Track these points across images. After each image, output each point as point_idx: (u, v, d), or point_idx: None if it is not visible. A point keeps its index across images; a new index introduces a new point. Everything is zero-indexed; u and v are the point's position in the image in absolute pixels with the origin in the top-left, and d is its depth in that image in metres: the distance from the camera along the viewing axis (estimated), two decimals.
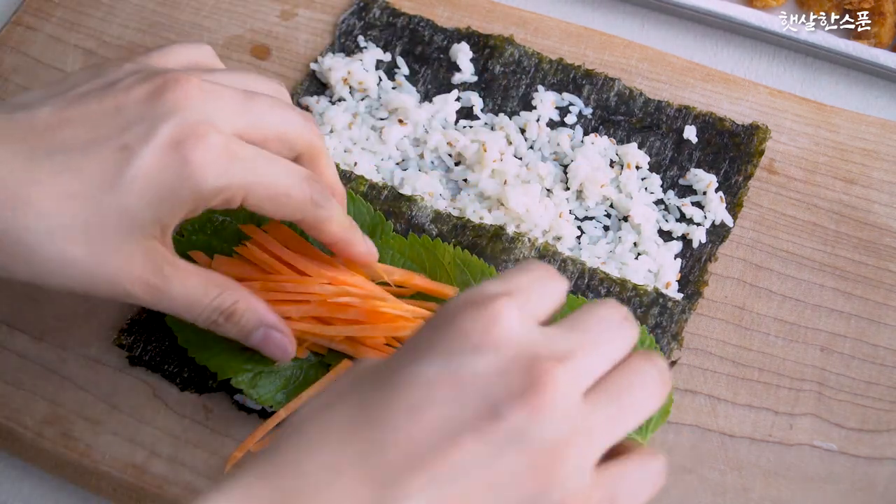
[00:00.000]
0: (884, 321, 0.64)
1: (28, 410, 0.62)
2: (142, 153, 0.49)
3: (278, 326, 0.57)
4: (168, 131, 0.50)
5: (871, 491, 0.59)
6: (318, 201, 0.55)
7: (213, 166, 0.50)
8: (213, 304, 0.54)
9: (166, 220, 0.51)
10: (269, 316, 0.56)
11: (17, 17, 0.79)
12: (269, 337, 0.56)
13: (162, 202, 0.50)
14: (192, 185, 0.50)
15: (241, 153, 0.52)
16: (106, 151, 0.50)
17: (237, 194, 0.52)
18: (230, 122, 0.52)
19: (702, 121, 0.71)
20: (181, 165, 0.50)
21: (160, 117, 0.50)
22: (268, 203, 0.53)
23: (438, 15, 0.77)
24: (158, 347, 0.63)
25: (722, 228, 0.67)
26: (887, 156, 0.70)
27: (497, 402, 0.39)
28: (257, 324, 0.56)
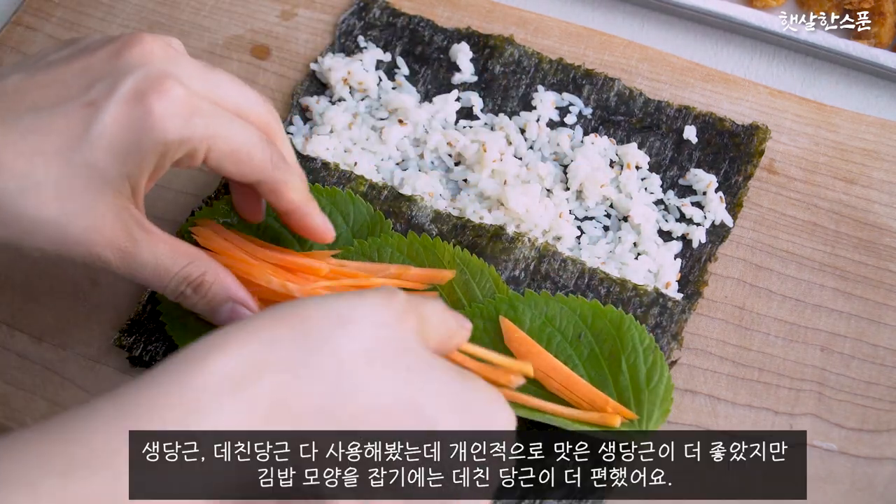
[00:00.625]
0: (884, 321, 0.64)
1: (28, 410, 0.62)
2: (106, 107, 0.51)
3: (247, 302, 0.57)
4: (131, 84, 0.51)
5: (871, 491, 0.59)
6: (278, 163, 0.56)
7: (175, 117, 0.51)
8: (181, 274, 0.54)
9: (135, 176, 0.52)
10: (238, 291, 0.56)
11: (17, 17, 0.79)
12: (236, 313, 0.56)
13: (128, 155, 0.51)
14: (155, 135, 0.51)
15: (203, 107, 0.53)
16: (73, 109, 0.51)
17: (200, 147, 0.53)
18: (190, 82, 0.53)
19: (702, 121, 0.71)
20: (144, 116, 0.51)
21: (123, 72, 0.52)
22: (229, 159, 0.54)
23: (438, 15, 0.77)
24: (159, 348, 0.63)
25: (722, 228, 0.67)
26: (887, 156, 0.70)
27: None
28: (225, 298, 0.56)
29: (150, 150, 0.51)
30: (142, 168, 0.52)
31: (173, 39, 0.57)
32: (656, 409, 0.58)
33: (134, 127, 0.51)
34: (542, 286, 0.64)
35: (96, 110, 0.51)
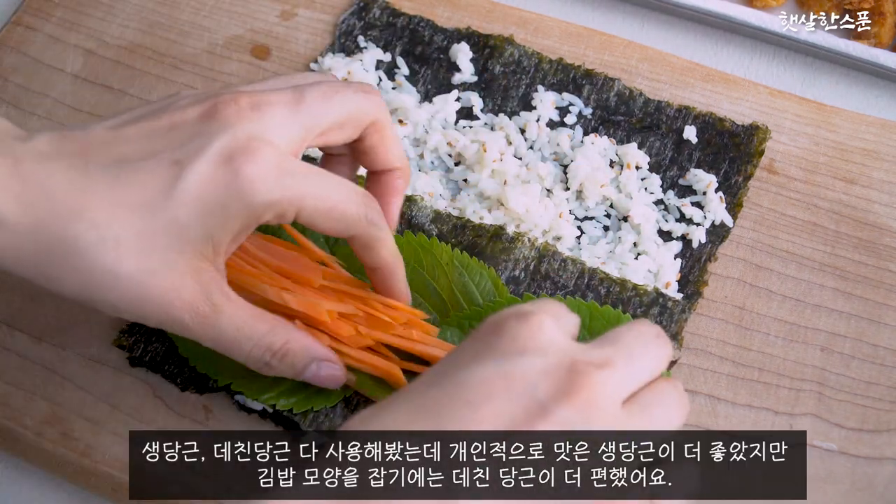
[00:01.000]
0: (884, 321, 0.64)
1: (28, 410, 0.62)
2: (194, 167, 0.50)
3: (329, 358, 0.57)
4: (220, 146, 0.50)
5: (871, 491, 0.59)
6: (373, 219, 0.55)
7: (265, 180, 0.50)
8: (263, 342, 0.54)
9: (218, 236, 0.51)
10: (319, 350, 0.56)
11: (17, 17, 0.79)
12: (319, 372, 0.56)
13: (212, 215, 0.50)
14: (243, 198, 0.50)
15: (293, 168, 0.51)
16: (159, 166, 0.50)
17: (289, 209, 0.51)
18: (286, 129, 0.52)
19: (702, 121, 0.71)
20: (232, 178, 0.50)
21: (213, 133, 0.51)
22: (321, 217, 0.53)
23: (438, 15, 0.77)
24: (159, 348, 0.63)
25: (722, 228, 0.67)
26: (887, 156, 0.70)
27: (545, 399, 0.42)
28: (309, 361, 0.56)
29: (235, 211, 0.50)
30: (225, 229, 0.51)
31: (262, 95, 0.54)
32: None
33: (220, 188, 0.50)
34: (542, 286, 0.64)
35: (183, 169, 0.50)
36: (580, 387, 0.43)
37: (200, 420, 0.61)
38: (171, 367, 0.62)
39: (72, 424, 0.61)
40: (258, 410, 0.61)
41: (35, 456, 0.62)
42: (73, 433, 0.61)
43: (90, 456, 0.60)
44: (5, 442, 0.62)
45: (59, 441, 0.61)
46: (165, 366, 0.62)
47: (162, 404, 0.62)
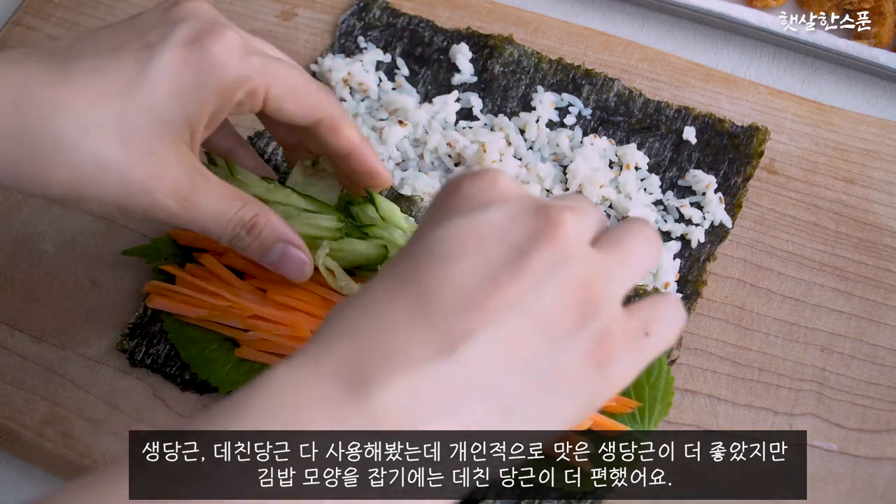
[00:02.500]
0: (884, 321, 0.64)
1: (28, 410, 0.62)
2: (163, 49, 0.51)
3: (296, 241, 0.57)
4: (186, 30, 0.52)
5: (871, 491, 0.59)
6: (334, 100, 0.56)
7: (233, 58, 0.52)
8: (236, 217, 0.55)
9: (195, 118, 0.52)
10: (287, 231, 0.57)
11: (17, 17, 0.79)
12: (287, 253, 0.57)
13: (188, 95, 0.51)
14: (215, 74, 0.52)
15: (258, 48, 0.54)
16: (130, 52, 0.51)
17: (260, 84, 0.53)
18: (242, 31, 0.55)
19: (701, 122, 0.71)
20: (202, 56, 0.51)
21: (177, 20, 0.53)
22: (290, 97, 0.54)
23: (438, 15, 0.77)
24: (160, 351, 0.63)
25: (721, 229, 0.67)
26: (887, 156, 0.70)
27: (519, 244, 0.42)
28: (276, 238, 0.56)
29: (211, 88, 0.52)
30: (202, 110, 0.52)
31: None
32: (658, 403, 0.58)
33: (192, 67, 0.51)
34: None
35: (153, 52, 0.51)
36: (553, 225, 0.42)
37: None
38: (171, 367, 0.62)
39: (72, 424, 0.61)
40: None
41: (35, 456, 0.62)
42: (73, 433, 0.61)
43: (90, 456, 0.60)
44: (5, 442, 0.62)
45: (59, 441, 0.61)
46: (166, 367, 0.62)
47: (162, 404, 0.62)
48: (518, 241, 0.42)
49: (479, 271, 0.41)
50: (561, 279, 0.42)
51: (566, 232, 0.42)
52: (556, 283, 0.42)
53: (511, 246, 0.42)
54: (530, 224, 0.43)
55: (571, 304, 0.42)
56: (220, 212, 0.54)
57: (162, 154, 0.51)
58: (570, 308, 0.42)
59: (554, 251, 0.42)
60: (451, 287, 0.41)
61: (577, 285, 0.42)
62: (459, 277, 0.41)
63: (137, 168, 0.51)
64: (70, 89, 0.50)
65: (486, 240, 0.42)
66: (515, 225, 0.43)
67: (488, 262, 0.42)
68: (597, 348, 0.42)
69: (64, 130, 0.50)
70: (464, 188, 0.44)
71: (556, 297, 0.41)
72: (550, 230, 0.42)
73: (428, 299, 0.41)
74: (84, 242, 0.68)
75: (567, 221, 0.43)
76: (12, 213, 0.69)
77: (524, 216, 0.43)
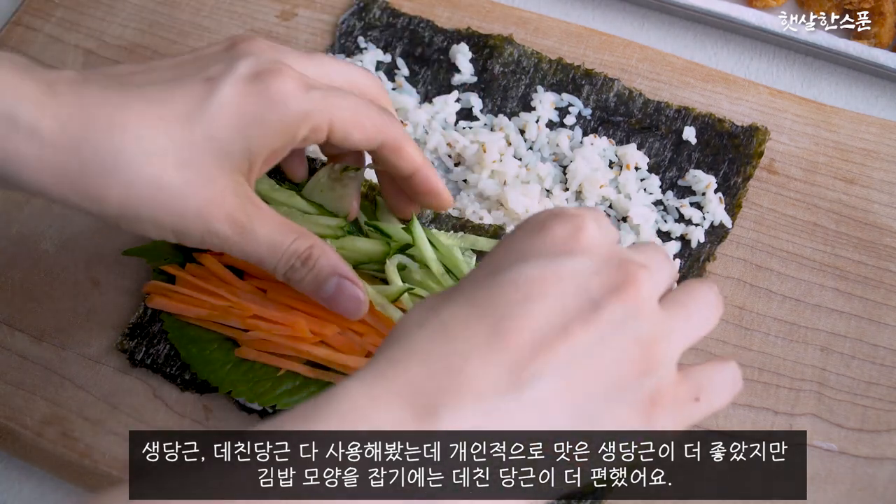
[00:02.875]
0: (884, 321, 0.64)
1: (28, 410, 0.62)
2: (225, 83, 0.52)
3: (351, 276, 0.57)
4: (247, 66, 0.53)
5: (871, 491, 0.59)
6: (395, 123, 0.57)
7: (294, 94, 0.52)
8: (291, 248, 0.54)
9: (254, 152, 0.52)
10: (342, 265, 0.57)
11: (17, 17, 0.79)
12: (341, 287, 0.56)
13: (250, 128, 0.52)
14: (277, 110, 0.52)
15: (317, 84, 0.54)
16: (191, 84, 0.52)
17: (322, 121, 0.53)
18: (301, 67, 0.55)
19: (701, 122, 0.71)
20: (263, 93, 0.52)
21: (237, 58, 0.53)
22: (353, 127, 0.54)
23: (438, 15, 0.77)
24: (161, 351, 0.63)
25: (721, 229, 0.67)
26: (887, 156, 0.70)
27: (596, 296, 0.44)
28: (331, 271, 0.56)
29: (273, 125, 0.52)
30: (263, 144, 0.52)
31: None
32: None
33: (254, 101, 0.52)
34: None
35: (214, 85, 0.52)
36: (629, 282, 0.44)
37: (200, 420, 0.61)
38: (171, 368, 0.62)
39: (72, 424, 0.61)
40: (258, 410, 0.61)
41: (35, 456, 0.62)
42: (73, 433, 0.61)
43: (90, 456, 0.60)
44: (5, 442, 0.62)
45: (59, 441, 0.61)
46: (167, 368, 0.62)
47: (162, 404, 0.62)
48: (595, 293, 0.44)
49: (554, 317, 0.43)
50: (627, 335, 0.44)
51: (639, 291, 0.44)
52: (623, 338, 0.44)
53: (588, 297, 0.44)
54: (608, 278, 0.44)
55: (632, 360, 0.44)
56: (276, 242, 0.54)
57: (220, 183, 0.52)
58: (630, 364, 0.44)
59: (626, 308, 0.44)
60: (526, 328, 0.43)
61: (640, 343, 0.44)
62: (535, 319, 0.43)
63: (194, 194, 0.51)
64: (132, 112, 0.50)
65: (566, 287, 0.44)
66: (595, 278, 0.44)
67: (564, 309, 0.43)
68: (646, 406, 0.44)
69: (123, 150, 0.50)
70: (553, 231, 0.46)
71: (620, 351, 0.43)
72: (626, 287, 0.44)
73: (503, 335, 0.43)
74: (84, 242, 0.68)
75: (642, 280, 0.45)
76: (12, 213, 0.69)
77: (605, 270, 0.45)
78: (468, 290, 0.45)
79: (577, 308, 0.43)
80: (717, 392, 0.47)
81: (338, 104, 0.54)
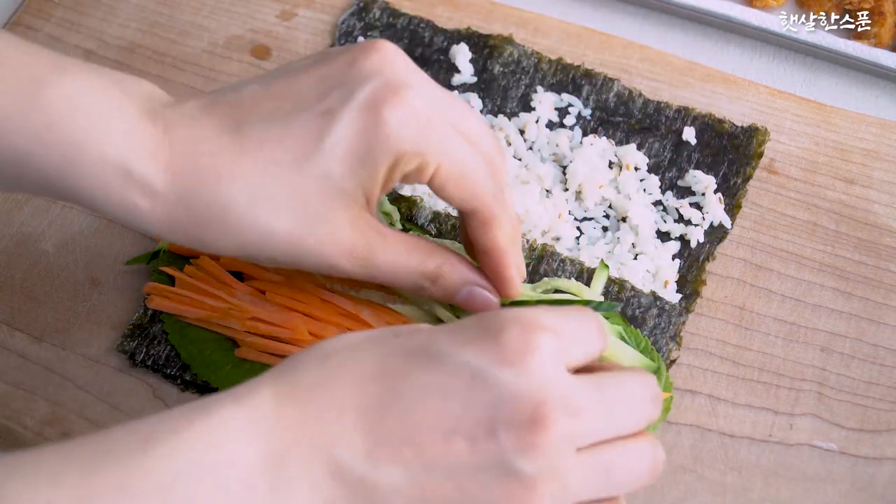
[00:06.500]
0: (884, 321, 0.64)
1: (28, 410, 0.62)
2: (341, 116, 0.50)
3: (481, 283, 0.56)
4: (366, 93, 0.50)
5: (871, 491, 0.59)
6: (498, 197, 0.54)
7: (409, 128, 0.50)
8: (418, 270, 0.54)
9: (368, 186, 0.51)
10: (471, 274, 0.56)
11: (17, 17, 0.79)
12: (472, 294, 0.56)
13: (363, 166, 0.50)
14: (390, 144, 0.50)
15: (437, 121, 0.51)
16: (308, 118, 0.50)
17: (430, 162, 0.51)
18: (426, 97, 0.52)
19: (701, 122, 0.71)
20: (378, 126, 0.50)
21: (359, 80, 0.51)
22: (453, 182, 0.52)
23: (438, 15, 0.77)
24: (161, 352, 0.63)
25: (720, 229, 0.67)
26: (887, 156, 0.70)
27: (497, 424, 0.42)
28: (462, 283, 0.56)
29: (382, 160, 0.50)
30: (375, 178, 0.51)
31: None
32: None
33: (369, 137, 0.50)
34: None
35: (331, 119, 0.50)
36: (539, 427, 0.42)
37: None
38: (171, 368, 0.62)
39: (72, 424, 0.61)
40: None
41: None
42: (73, 433, 0.61)
43: None
44: (5, 442, 0.62)
45: (59, 441, 0.61)
46: (166, 367, 0.62)
47: (162, 405, 0.62)
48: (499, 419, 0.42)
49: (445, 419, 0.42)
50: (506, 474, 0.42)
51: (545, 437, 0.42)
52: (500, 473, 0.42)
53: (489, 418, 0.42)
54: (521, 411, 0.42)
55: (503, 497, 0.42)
56: (400, 266, 0.53)
57: (335, 221, 0.51)
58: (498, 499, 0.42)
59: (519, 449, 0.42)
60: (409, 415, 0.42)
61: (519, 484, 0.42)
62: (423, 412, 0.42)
63: (309, 235, 0.51)
64: (246, 158, 0.50)
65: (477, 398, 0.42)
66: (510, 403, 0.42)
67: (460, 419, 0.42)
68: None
69: (235, 202, 0.50)
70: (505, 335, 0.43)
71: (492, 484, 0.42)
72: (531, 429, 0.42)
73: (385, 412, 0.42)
74: (84, 242, 0.68)
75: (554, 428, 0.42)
76: (12, 213, 0.69)
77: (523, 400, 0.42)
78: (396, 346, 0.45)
79: (474, 425, 0.42)
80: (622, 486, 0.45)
81: (452, 154, 0.52)
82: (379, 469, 0.42)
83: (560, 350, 0.44)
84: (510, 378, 0.42)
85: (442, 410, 0.42)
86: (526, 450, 0.42)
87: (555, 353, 0.44)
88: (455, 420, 0.42)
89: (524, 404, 0.42)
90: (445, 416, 0.42)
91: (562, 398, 0.43)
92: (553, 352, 0.43)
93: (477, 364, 0.43)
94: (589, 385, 0.44)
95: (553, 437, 0.42)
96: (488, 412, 0.42)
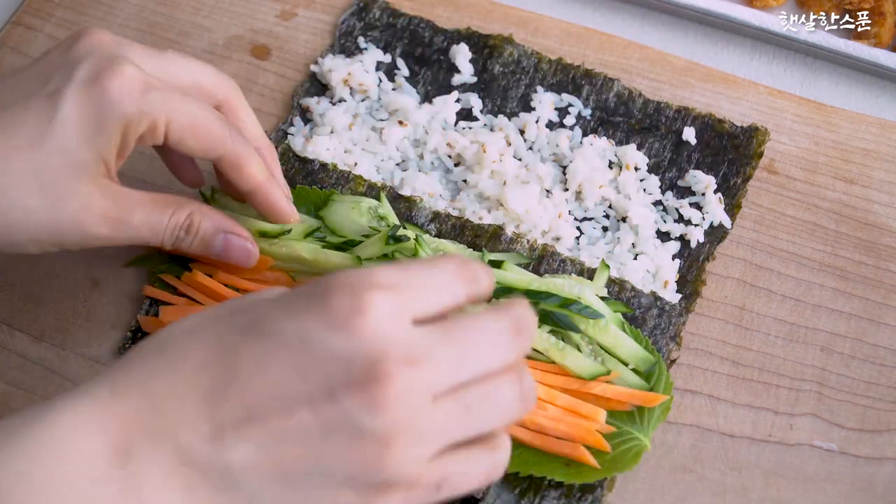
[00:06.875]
0: (884, 321, 0.64)
1: None
2: (65, 94, 0.53)
3: (236, 230, 0.59)
4: (85, 69, 0.54)
5: (871, 491, 0.59)
6: (236, 138, 0.57)
7: (131, 93, 0.54)
8: (171, 222, 0.57)
9: (106, 153, 0.54)
10: (225, 221, 0.59)
11: (17, 17, 0.79)
12: (229, 242, 0.59)
13: (95, 135, 0.53)
14: (115, 110, 0.53)
15: (156, 84, 0.55)
16: (37, 102, 0.54)
17: (159, 120, 0.54)
18: (141, 63, 0.55)
19: (701, 122, 0.71)
20: (101, 95, 0.53)
21: (77, 60, 0.55)
22: (189, 133, 0.55)
23: (438, 15, 0.77)
24: None
25: (720, 229, 0.67)
26: (887, 156, 0.70)
27: (335, 386, 0.42)
28: (215, 230, 0.58)
29: (111, 126, 0.53)
30: (110, 145, 0.54)
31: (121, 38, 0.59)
32: (656, 408, 0.58)
33: (94, 107, 0.53)
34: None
35: (58, 98, 0.53)
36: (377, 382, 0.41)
37: None
38: None
39: None
40: None
41: None
42: None
43: None
44: None
45: None
46: None
47: None
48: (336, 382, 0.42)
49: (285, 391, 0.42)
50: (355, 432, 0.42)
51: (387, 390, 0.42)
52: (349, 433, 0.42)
53: (327, 384, 0.42)
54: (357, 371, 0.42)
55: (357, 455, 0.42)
56: (154, 222, 0.56)
57: (83, 191, 0.54)
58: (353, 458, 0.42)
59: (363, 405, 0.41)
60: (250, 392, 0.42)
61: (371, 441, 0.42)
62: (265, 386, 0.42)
63: (63, 208, 0.54)
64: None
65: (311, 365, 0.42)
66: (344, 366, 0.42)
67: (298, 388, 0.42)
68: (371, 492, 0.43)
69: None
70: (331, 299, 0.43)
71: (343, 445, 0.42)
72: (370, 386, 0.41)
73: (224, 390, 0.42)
74: None
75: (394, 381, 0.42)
76: None
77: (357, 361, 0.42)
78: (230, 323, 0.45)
79: (313, 391, 0.42)
80: (463, 481, 0.45)
81: (177, 108, 0.55)
82: (227, 449, 0.42)
83: (399, 304, 0.43)
84: (341, 341, 0.42)
85: (279, 383, 0.42)
86: (370, 406, 0.41)
87: (391, 308, 0.43)
88: (293, 390, 0.42)
89: (359, 364, 0.42)
90: (284, 388, 0.42)
91: (402, 351, 0.42)
92: (389, 308, 0.43)
93: (307, 333, 0.42)
94: (436, 332, 0.44)
95: (396, 390, 0.41)
96: (325, 378, 0.42)
